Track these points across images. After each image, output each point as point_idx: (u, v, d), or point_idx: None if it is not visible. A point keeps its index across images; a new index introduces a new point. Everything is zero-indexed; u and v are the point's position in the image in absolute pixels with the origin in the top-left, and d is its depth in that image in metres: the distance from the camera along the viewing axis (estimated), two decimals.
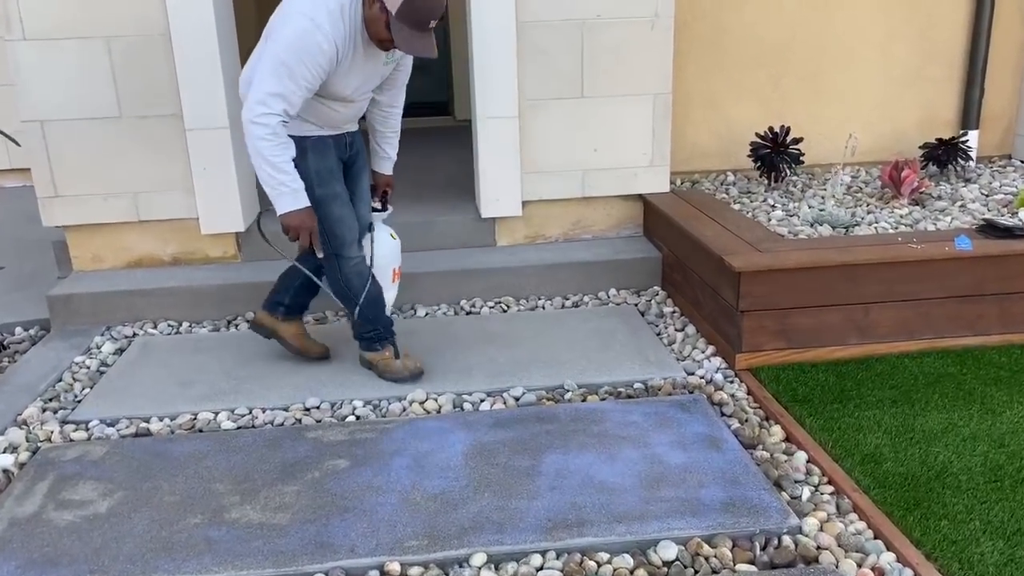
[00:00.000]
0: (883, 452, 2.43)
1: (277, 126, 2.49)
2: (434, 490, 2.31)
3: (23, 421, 2.78)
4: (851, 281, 2.96)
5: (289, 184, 2.58)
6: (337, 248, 2.82)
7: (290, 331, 3.09)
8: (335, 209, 2.78)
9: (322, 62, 2.47)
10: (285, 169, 2.56)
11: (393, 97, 2.93)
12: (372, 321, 2.95)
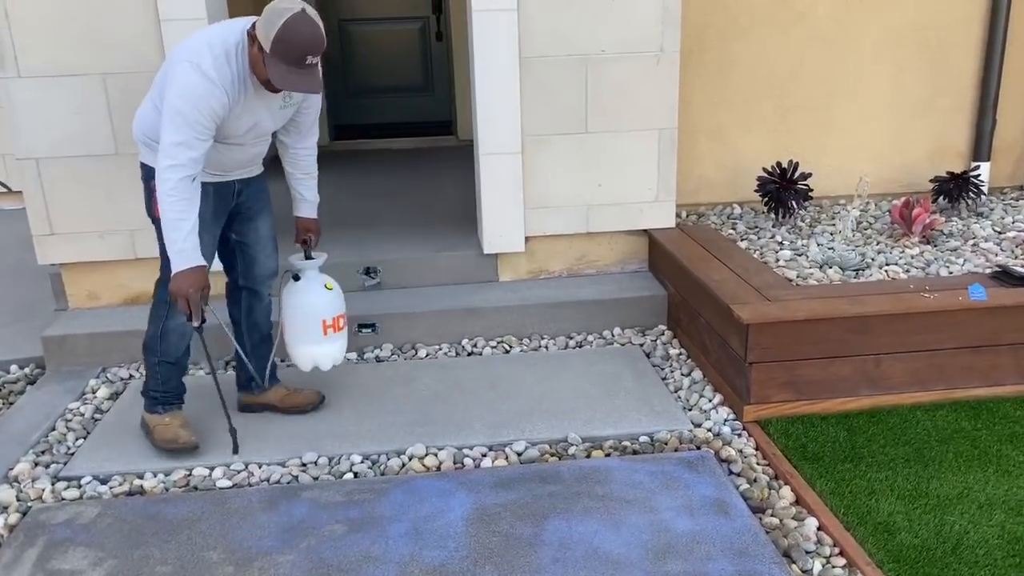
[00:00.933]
0: (896, 520, 2.35)
1: (179, 181, 2.41)
2: (433, 561, 2.24)
3: (14, 478, 2.71)
4: (862, 332, 2.89)
5: (177, 243, 2.46)
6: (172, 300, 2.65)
7: (276, 396, 3.03)
8: None
9: (214, 106, 2.41)
10: (176, 226, 2.44)
11: (301, 139, 2.82)
12: (166, 382, 2.82)
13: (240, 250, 2.86)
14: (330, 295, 2.94)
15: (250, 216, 2.82)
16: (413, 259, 3.86)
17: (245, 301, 2.92)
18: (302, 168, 2.89)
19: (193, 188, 2.45)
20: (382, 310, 3.63)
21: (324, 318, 2.91)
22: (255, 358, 3.00)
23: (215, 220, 2.70)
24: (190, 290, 2.51)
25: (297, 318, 2.92)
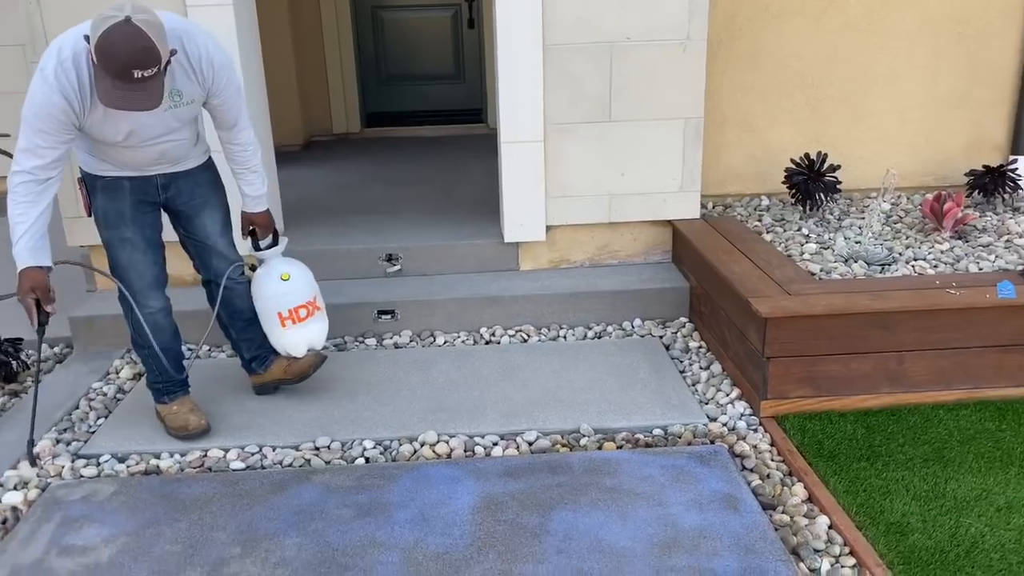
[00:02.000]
0: (911, 521, 2.30)
1: (19, 185, 2.39)
2: (437, 548, 2.25)
3: (36, 454, 2.77)
4: (885, 328, 2.82)
5: (14, 243, 2.45)
6: (132, 295, 2.71)
7: (279, 370, 3.05)
8: (122, 255, 2.68)
9: (56, 114, 2.33)
10: (14, 229, 2.44)
11: (231, 136, 2.71)
12: (162, 372, 2.84)
13: (194, 247, 2.85)
14: (286, 286, 2.91)
15: (191, 213, 2.77)
16: (435, 246, 3.86)
17: (216, 293, 2.90)
18: (238, 162, 2.78)
19: (37, 193, 2.41)
20: (402, 297, 3.64)
21: (279, 310, 2.90)
22: (246, 341, 3.02)
23: (137, 215, 2.66)
24: (25, 296, 2.52)
25: (259, 309, 2.94)
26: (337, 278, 3.82)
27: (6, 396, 3.25)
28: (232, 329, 3.00)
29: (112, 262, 2.72)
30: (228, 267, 2.87)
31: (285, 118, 5.96)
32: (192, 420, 2.83)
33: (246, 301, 2.96)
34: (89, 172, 2.64)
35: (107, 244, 2.69)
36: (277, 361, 3.05)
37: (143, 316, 2.73)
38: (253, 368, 3.07)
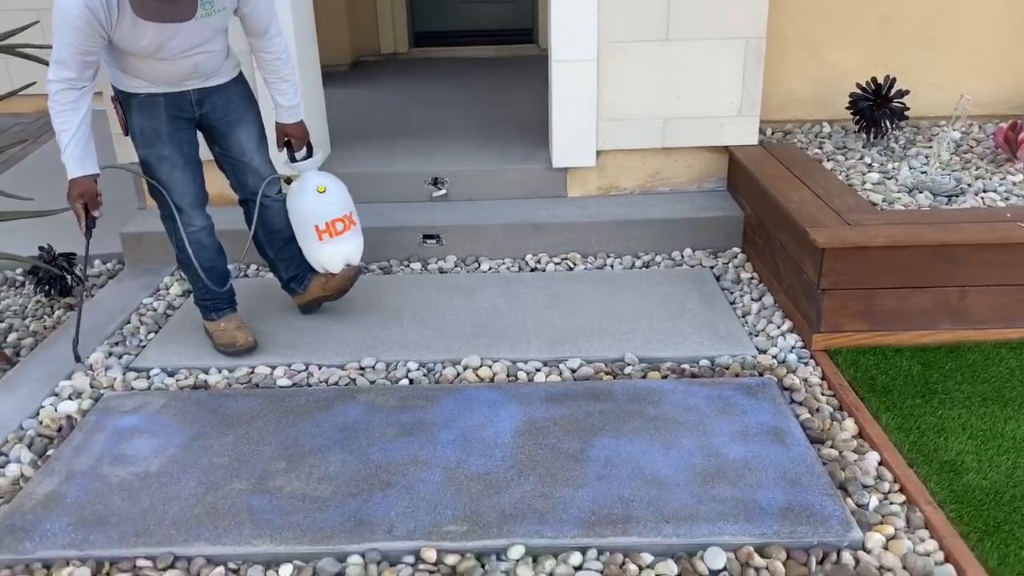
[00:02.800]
0: (966, 461, 2.23)
1: (56, 94, 2.41)
2: (479, 469, 2.25)
3: (89, 366, 2.84)
4: (948, 262, 2.70)
5: (62, 152, 2.49)
6: (174, 212, 2.72)
7: (317, 287, 3.04)
8: (161, 173, 2.66)
9: (80, 27, 2.32)
10: (59, 138, 2.48)
11: (263, 44, 2.68)
12: (208, 290, 2.85)
13: (229, 165, 2.84)
14: (322, 198, 2.90)
15: (226, 129, 2.76)
16: (481, 171, 3.79)
17: (253, 211, 2.89)
18: (271, 72, 2.76)
19: (74, 101, 2.43)
20: (447, 222, 3.60)
21: (316, 223, 2.89)
22: (284, 261, 3.01)
23: (173, 132, 2.65)
24: (74, 202, 2.56)
25: (295, 223, 2.94)
26: (383, 201, 3.79)
27: (61, 309, 3.32)
28: (270, 249, 2.99)
29: (152, 180, 2.72)
30: (263, 182, 2.86)
31: (332, 38, 5.86)
32: (239, 337, 2.86)
33: (283, 219, 2.96)
34: (123, 90, 2.62)
35: (145, 163, 2.69)
36: (315, 279, 3.04)
37: (186, 235, 2.75)
38: (292, 288, 3.08)
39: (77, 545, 2.03)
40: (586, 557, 1.97)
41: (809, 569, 1.92)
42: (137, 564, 1.98)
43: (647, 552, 1.98)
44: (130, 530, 2.07)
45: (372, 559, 1.98)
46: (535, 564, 1.96)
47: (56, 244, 3.45)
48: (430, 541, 2.02)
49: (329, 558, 1.99)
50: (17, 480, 2.29)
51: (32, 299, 3.40)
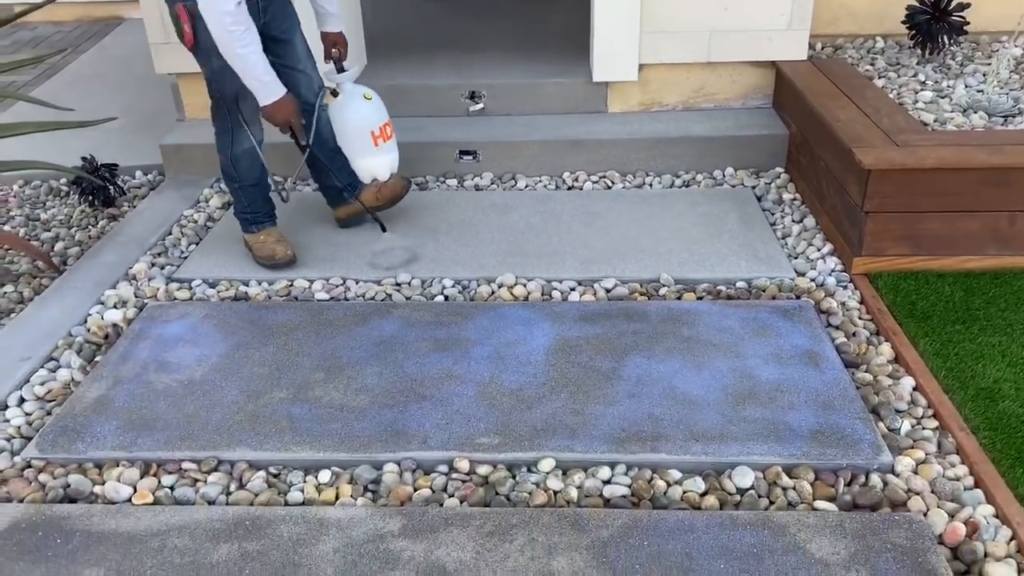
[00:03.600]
0: (1003, 388, 2.21)
1: (238, 14, 2.39)
2: (512, 385, 2.29)
3: (133, 276, 2.91)
4: (1000, 186, 2.61)
5: (259, 77, 2.51)
6: (234, 123, 2.73)
7: (370, 196, 3.05)
8: (235, 83, 2.62)
9: None
10: (255, 63, 2.49)
11: None
12: (251, 203, 2.88)
13: (286, 75, 2.78)
14: (371, 105, 2.96)
15: (285, 37, 2.76)
16: (519, 85, 3.72)
17: (311, 120, 2.89)
18: None
19: (247, 21, 2.43)
20: (484, 137, 3.56)
21: (372, 129, 2.94)
22: (338, 169, 3.02)
23: None
24: (291, 118, 2.62)
25: (347, 133, 2.96)
26: (419, 115, 3.75)
27: (105, 220, 3.38)
28: (322, 158, 2.99)
29: (220, 93, 2.71)
30: (317, 89, 2.88)
31: None
32: (279, 250, 2.90)
33: (330, 128, 2.98)
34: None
35: (217, 73, 2.65)
36: (366, 189, 3.06)
37: (245, 149, 2.78)
38: (344, 197, 3.08)
39: (126, 447, 2.12)
40: (615, 472, 2.01)
41: (837, 490, 1.94)
42: (183, 467, 2.07)
43: (675, 469, 2.02)
44: (175, 434, 2.15)
45: (407, 467, 2.04)
46: (565, 477, 2.01)
47: (98, 155, 3.49)
48: (463, 452, 2.07)
49: (366, 465, 2.05)
50: (68, 384, 2.39)
51: (77, 209, 3.46)
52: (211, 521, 1.89)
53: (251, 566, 1.78)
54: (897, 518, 1.84)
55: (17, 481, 2.04)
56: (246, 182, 2.85)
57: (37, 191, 3.64)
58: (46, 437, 2.15)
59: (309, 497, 1.98)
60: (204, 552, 1.81)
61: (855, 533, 1.80)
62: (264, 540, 1.84)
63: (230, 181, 2.89)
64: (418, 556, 1.79)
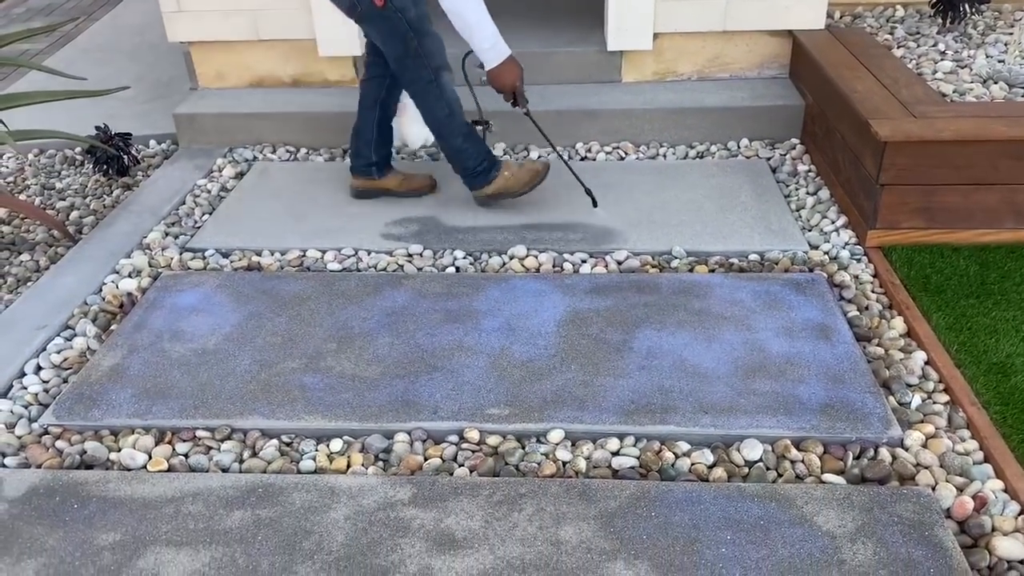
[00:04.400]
0: (1015, 363, 2.20)
1: None
2: (522, 356, 2.30)
3: (147, 245, 2.93)
4: (1018, 159, 2.58)
5: (490, 38, 2.55)
6: (435, 74, 2.73)
7: (394, 182, 3.06)
8: (430, 33, 2.67)
9: None
10: (484, 23, 2.54)
11: None
12: (480, 149, 2.88)
13: None
14: None
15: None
16: (531, 53, 3.67)
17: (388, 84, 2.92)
18: None
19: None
20: (495, 107, 3.51)
21: None
22: (385, 142, 3.03)
23: None
24: (517, 82, 2.69)
25: None
26: None
27: (119, 189, 3.40)
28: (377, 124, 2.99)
29: (425, 50, 2.70)
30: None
31: None
32: (527, 166, 2.89)
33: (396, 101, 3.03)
34: None
35: (416, 26, 2.66)
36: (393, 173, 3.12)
37: (453, 95, 2.79)
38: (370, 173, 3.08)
39: (140, 415, 2.15)
40: (624, 443, 2.02)
41: (845, 464, 1.95)
42: (197, 435, 2.10)
43: (684, 441, 2.03)
44: (189, 403, 2.18)
45: (418, 437, 2.06)
46: (573, 448, 2.02)
47: (112, 124, 3.50)
48: (473, 422, 2.09)
49: (377, 435, 2.07)
50: (83, 352, 2.42)
51: (91, 178, 3.48)
52: (224, 488, 1.92)
53: (263, 532, 1.81)
54: (905, 492, 1.85)
55: (35, 447, 2.07)
56: (464, 129, 2.82)
57: (52, 160, 3.66)
58: (63, 404, 2.19)
59: (321, 465, 2.01)
60: (218, 518, 1.85)
61: (862, 506, 1.81)
62: (276, 507, 1.87)
63: (451, 138, 2.83)
64: (428, 524, 1.81)
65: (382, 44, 2.74)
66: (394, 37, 2.68)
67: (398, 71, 2.77)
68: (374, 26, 2.71)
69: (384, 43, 2.73)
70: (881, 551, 1.71)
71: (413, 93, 2.82)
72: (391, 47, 2.72)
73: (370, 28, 2.75)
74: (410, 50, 2.70)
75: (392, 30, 2.66)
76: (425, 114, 2.83)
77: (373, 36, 2.79)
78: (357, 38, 3.64)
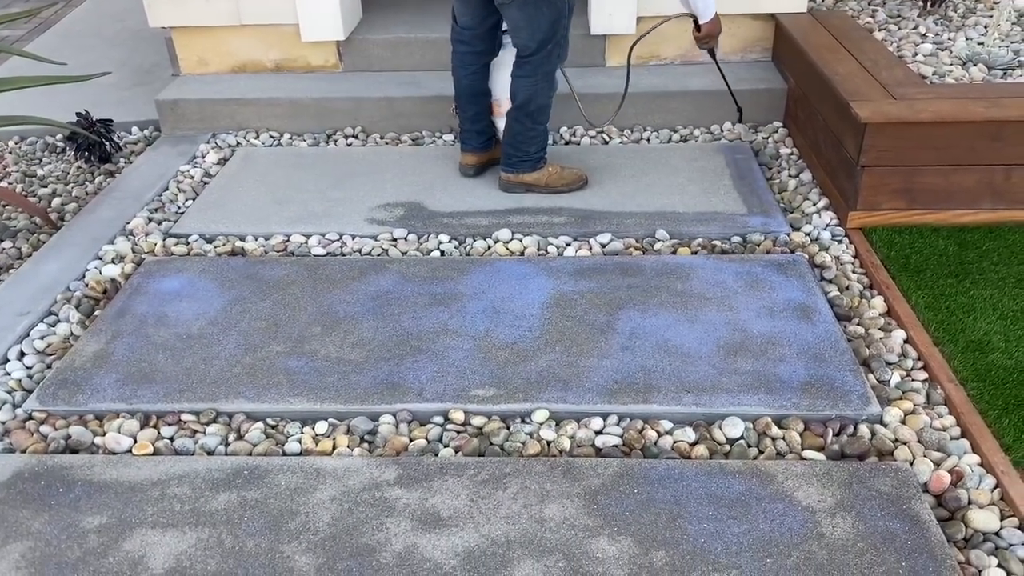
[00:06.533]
0: (992, 340, 2.23)
1: None
2: (507, 339, 2.31)
3: (130, 231, 2.92)
4: (996, 140, 2.61)
5: None
6: (556, 64, 2.81)
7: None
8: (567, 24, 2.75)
9: None
10: None
11: None
12: (543, 141, 2.96)
13: None
14: None
15: None
16: None
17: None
18: None
19: None
20: None
21: None
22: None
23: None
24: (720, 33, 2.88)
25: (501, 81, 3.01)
26: (416, 69, 3.73)
27: (102, 176, 3.38)
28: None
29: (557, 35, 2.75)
30: None
31: None
32: (575, 171, 3.01)
33: None
34: None
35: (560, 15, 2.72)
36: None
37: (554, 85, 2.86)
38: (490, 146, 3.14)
39: (125, 399, 2.15)
40: (607, 422, 2.04)
41: (825, 440, 1.98)
42: (182, 418, 2.10)
43: (666, 420, 2.05)
44: (174, 387, 2.18)
45: (403, 419, 2.08)
46: (558, 428, 2.04)
47: (93, 110, 3.47)
48: (458, 404, 2.10)
49: (362, 417, 2.08)
50: (67, 338, 2.41)
51: (73, 165, 3.46)
52: (210, 471, 1.93)
53: (250, 514, 1.82)
54: (883, 467, 1.88)
55: (19, 432, 2.07)
56: (547, 120, 2.91)
57: (33, 147, 3.63)
58: (47, 390, 2.18)
59: (306, 448, 2.02)
60: (204, 500, 1.85)
61: (842, 481, 1.84)
62: (262, 489, 1.88)
63: (537, 122, 2.89)
64: (413, 504, 1.83)
65: (530, 28, 2.70)
66: (548, 22, 2.69)
67: (532, 57, 2.76)
68: (532, 8, 2.65)
69: (533, 28, 2.69)
70: (860, 525, 1.74)
71: (538, 75, 2.80)
72: (539, 32, 2.70)
73: (524, 11, 2.67)
74: (557, 37, 2.74)
75: (552, 15, 2.68)
76: (531, 95, 2.82)
77: (520, 20, 2.70)
78: (340, 23, 3.63)
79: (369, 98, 3.55)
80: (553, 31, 2.71)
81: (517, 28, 2.73)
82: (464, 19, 2.86)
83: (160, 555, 1.72)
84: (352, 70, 3.79)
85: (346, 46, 3.75)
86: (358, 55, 3.76)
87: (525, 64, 2.81)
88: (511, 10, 2.68)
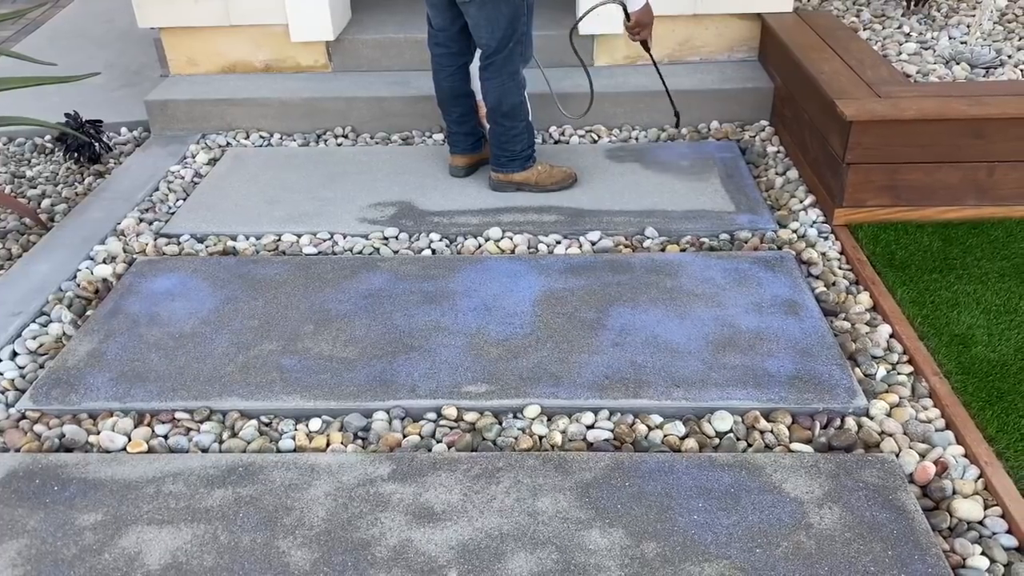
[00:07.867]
0: (976, 334, 2.27)
1: None
2: (498, 336, 2.33)
3: (121, 232, 2.92)
4: (979, 137, 2.65)
5: None
6: (521, 64, 2.85)
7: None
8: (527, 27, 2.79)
9: None
10: None
11: None
12: (530, 137, 2.99)
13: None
14: None
15: None
16: None
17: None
18: None
19: None
20: None
21: None
22: None
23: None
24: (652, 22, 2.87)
25: None
26: (405, 69, 3.75)
27: (91, 176, 3.38)
28: None
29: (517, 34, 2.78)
30: None
31: None
32: (565, 170, 3.05)
33: None
34: None
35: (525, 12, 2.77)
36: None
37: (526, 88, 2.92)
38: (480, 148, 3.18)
39: (119, 398, 2.16)
40: (598, 417, 2.07)
41: (813, 433, 2.01)
42: (175, 416, 2.11)
43: (657, 414, 2.07)
44: (167, 385, 2.19)
45: (396, 415, 2.09)
46: (549, 423, 2.06)
47: (82, 111, 3.47)
48: (451, 400, 2.12)
49: (356, 414, 2.10)
50: (59, 338, 2.42)
51: (62, 166, 3.46)
52: (205, 468, 1.94)
53: (245, 510, 1.83)
54: (870, 458, 1.91)
55: (13, 432, 2.08)
56: (527, 117, 2.94)
57: (22, 148, 3.63)
58: (40, 389, 2.19)
59: (300, 445, 2.03)
60: (199, 497, 1.87)
61: (829, 473, 1.87)
62: (257, 485, 1.89)
63: (516, 120, 2.92)
64: (407, 499, 1.84)
65: (489, 27, 2.73)
66: (507, 21, 2.71)
67: (494, 56, 2.79)
68: (491, 8, 2.69)
69: (493, 27, 2.72)
70: (847, 515, 1.77)
71: (503, 75, 2.83)
72: (498, 31, 2.73)
73: (483, 11, 2.70)
74: (517, 35, 2.77)
75: (510, 14, 2.70)
76: (500, 96, 2.85)
77: (480, 19, 2.73)
78: (330, 24, 3.64)
79: (359, 98, 3.57)
80: (513, 28, 2.74)
81: (477, 26, 2.76)
82: (436, 21, 2.90)
83: (156, 551, 1.74)
84: (342, 70, 3.81)
85: (336, 46, 3.76)
86: (348, 55, 3.77)
87: (490, 66, 2.84)
88: (471, 8, 2.73)
